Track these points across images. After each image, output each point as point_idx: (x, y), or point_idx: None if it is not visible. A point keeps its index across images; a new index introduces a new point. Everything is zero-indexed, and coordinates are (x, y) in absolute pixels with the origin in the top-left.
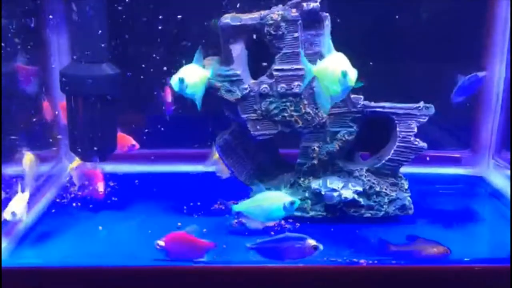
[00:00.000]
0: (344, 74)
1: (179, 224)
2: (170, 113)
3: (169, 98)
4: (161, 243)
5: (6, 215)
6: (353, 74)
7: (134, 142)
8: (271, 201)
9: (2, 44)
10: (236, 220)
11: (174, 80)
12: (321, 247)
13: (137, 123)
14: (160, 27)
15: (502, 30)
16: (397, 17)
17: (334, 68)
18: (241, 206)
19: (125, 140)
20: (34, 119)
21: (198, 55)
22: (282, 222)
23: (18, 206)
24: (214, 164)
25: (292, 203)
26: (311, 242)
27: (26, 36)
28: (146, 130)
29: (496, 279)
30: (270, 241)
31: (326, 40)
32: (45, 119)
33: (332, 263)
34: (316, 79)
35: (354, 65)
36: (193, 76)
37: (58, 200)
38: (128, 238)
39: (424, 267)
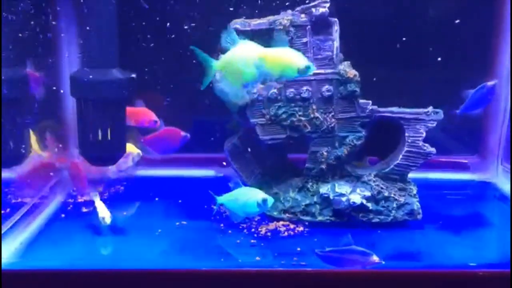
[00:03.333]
0: (261, 59)
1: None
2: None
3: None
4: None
5: (107, 219)
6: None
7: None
8: (247, 197)
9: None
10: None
11: None
12: (383, 263)
13: None
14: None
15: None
16: (406, 22)
17: (247, 54)
18: (224, 198)
19: None
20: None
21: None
22: (292, 226)
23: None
24: None
25: (264, 200)
26: (375, 259)
27: (37, 41)
28: None
29: (505, 284)
30: (337, 251)
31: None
32: None
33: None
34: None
35: (363, 70)
36: None
37: (69, 200)
38: (134, 242)
39: (432, 272)
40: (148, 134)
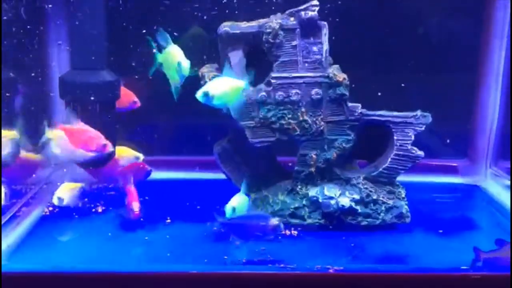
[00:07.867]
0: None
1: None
2: None
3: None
4: None
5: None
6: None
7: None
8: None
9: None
10: None
11: (198, 94)
12: (282, 226)
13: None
14: None
15: (499, 42)
16: (396, 25)
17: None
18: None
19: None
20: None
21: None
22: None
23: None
24: None
25: (233, 208)
26: (274, 221)
27: (27, 42)
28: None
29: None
30: (239, 218)
31: None
32: None
33: (304, 270)
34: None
35: (351, 73)
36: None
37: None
38: (127, 244)
39: (420, 275)
40: None
